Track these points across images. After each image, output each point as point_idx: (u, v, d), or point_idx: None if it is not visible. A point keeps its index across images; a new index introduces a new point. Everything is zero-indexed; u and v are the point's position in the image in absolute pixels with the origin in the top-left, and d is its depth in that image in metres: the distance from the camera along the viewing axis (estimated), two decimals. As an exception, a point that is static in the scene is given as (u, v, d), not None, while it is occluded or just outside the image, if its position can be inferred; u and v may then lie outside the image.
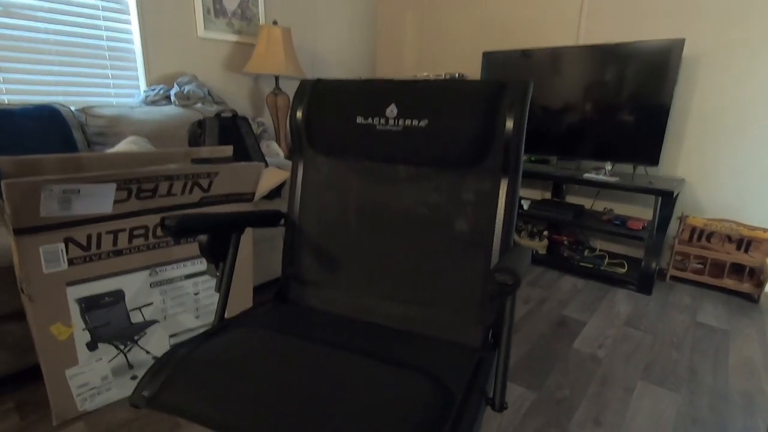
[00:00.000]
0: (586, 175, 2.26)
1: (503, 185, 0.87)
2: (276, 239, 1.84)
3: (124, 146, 1.63)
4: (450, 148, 0.88)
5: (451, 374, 0.74)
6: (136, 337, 1.25)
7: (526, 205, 2.50)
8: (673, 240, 2.26)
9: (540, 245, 2.52)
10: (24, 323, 1.23)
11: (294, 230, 1.04)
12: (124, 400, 1.26)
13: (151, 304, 1.26)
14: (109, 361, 1.21)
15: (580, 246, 2.58)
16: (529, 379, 1.43)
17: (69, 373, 1.14)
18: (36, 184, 0.96)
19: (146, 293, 1.25)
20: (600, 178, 2.19)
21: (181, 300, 1.33)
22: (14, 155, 1.13)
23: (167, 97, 2.13)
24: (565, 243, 2.57)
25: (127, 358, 1.24)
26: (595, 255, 2.44)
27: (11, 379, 1.32)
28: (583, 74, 2.30)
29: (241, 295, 1.47)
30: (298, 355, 0.72)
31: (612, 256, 2.45)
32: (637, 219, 2.28)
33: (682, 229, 2.24)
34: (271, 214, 1.00)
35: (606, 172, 2.27)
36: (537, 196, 2.84)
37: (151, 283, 1.25)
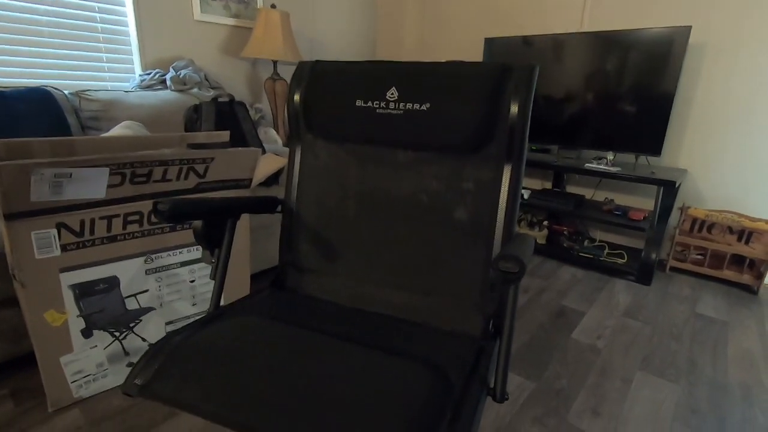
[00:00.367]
0: (587, 165, 2.24)
1: (506, 172, 0.85)
2: (273, 226, 1.82)
3: (119, 131, 1.60)
4: (452, 133, 0.86)
5: (451, 364, 0.72)
6: (131, 324, 1.24)
7: (526, 194, 2.48)
8: (674, 231, 2.25)
9: (540, 235, 2.50)
10: (17, 310, 1.21)
11: (291, 216, 1.02)
12: (120, 387, 1.25)
13: (146, 291, 1.25)
14: (105, 348, 1.20)
15: (580, 236, 2.56)
16: (527, 369, 1.42)
17: (64, 360, 1.13)
18: (26, 167, 0.94)
19: (141, 280, 1.23)
20: (601, 168, 2.17)
21: (177, 287, 1.31)
22: (5, 138, 1.10)
23: (163, 82, 2.08)
24: (565, 233, 2.56)
25: (123, 345, 1.23)
26: (595, 245, 2.43)
27: (6, 366, 1.30)
28: (587, 62, 2.26)
29: (239, 282, 1.45)
30: (295, 344, 0.70)
31: (612, 247, 2.44)
32: (638, 209, 2.26)
33: (683, 220, 2.23)
34: (268, 200, 0.98)
35: (608, 162, 2.24)
36: (537, 185, 2.82)
37: (147, 270, 1.24)
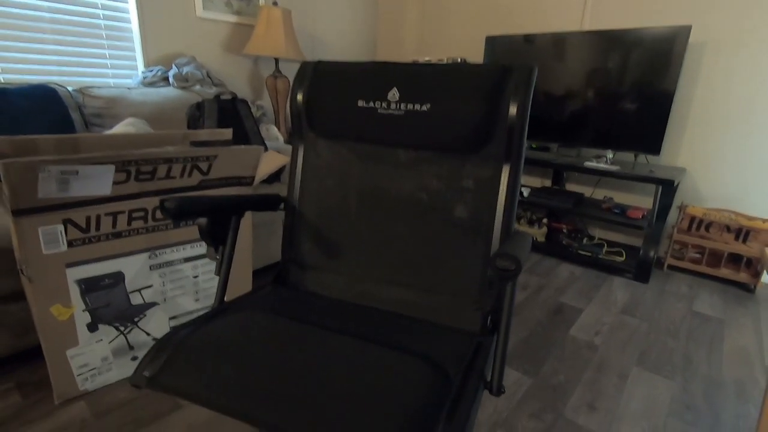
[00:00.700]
0: (586, 163, 2.25)
1: (505, 171, 0.87)
2: (275, 223, 1.84)
3: (122, 128, 1.62)
4: (452, 133, 0.87)
5: (450, 359, 0.74)
6: (136, 319, 1.26)
7: (525, 192, 2.49)
8: (672, 229, 2.26)
9: (539, 233, 2.52)
10: (24, 304, 1.23)
11: (294, 214, 1.04)
12: (125, 380, 1.27)
13: (150, 287, 1.27)
14: (110, 342, 1.22)
15: (579, 234, 2.58)
16: (525, 364, 1.45)
17: (70, 354, 1.15)
18: (33, 164, 0.95)
19: (146, 275, 1.25)
20: (601, 166, 2.19)
21: (180, 283, 1.33)
22: (10, 135, 1.12)
23: (165, 79, 2.10)
24: (564, 231, 2.58)
25: (128, 340, 1.25)
26: (593, 243, 2.45)
27: (12, 359, 1.33)
28: (587, 60, 2.27)
29: (241, 278, 1.48)
30: (297, 339, 0.72)
31: (610, 245, 2.46)
32: (637, 208, 2.28)
33: (682, 219, 2.25)
34: (271, 198, 0.99)
35: (607, 160, 2.26)
36: (537, 183, 2.84)
37: (151, 266, 1.25)
